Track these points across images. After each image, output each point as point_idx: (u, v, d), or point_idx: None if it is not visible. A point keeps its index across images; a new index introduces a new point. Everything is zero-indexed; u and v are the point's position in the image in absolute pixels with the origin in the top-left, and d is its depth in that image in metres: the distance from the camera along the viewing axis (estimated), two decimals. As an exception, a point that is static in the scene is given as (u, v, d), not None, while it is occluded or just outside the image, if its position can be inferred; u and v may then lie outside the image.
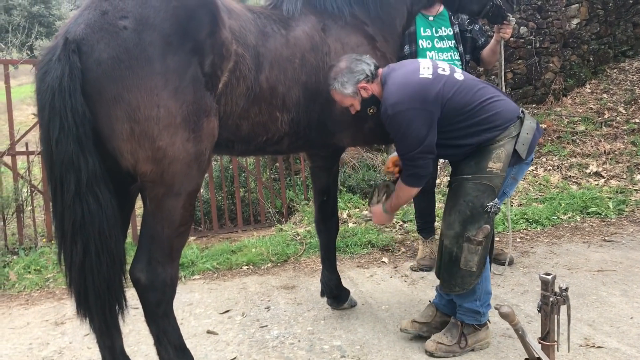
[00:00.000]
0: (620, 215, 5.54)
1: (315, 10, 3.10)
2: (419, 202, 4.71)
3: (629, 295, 3.70)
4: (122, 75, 2.19)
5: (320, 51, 2.98)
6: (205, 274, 4.76)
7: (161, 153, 2.28)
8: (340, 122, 3.10)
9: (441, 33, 4.13)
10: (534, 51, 8.42)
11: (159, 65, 2.24)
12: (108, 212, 2.28)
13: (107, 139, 2.27)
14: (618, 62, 9.30)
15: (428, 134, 2.79)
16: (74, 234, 2.25)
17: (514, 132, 2.84)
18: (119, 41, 2.21)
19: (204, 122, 2.40)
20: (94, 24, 2.23)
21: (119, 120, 2.22)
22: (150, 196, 2.38)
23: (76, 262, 2.27)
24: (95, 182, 2.24)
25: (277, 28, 2.89)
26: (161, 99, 2.24)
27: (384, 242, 5.17)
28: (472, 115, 2.83)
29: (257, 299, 4.09)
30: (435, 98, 2.79)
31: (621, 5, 9.30)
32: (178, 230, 2.44)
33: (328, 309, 3.79)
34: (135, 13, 2.26)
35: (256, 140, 2.91)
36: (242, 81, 2.63)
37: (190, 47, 2.34)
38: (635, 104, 8.04)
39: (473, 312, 3.04)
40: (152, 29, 2.26)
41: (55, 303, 4.29)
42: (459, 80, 2.89)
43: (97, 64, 2.19)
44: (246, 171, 6.82)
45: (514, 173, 2.92)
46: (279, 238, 5.46)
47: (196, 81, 2.35)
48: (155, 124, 2.24)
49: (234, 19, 2.67)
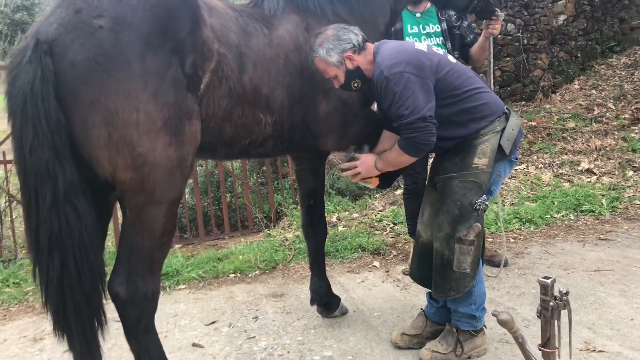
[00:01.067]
0: (614, 212, 5.44)
1: (298, 9, 2.98)
2: (410, 203, 4.59)
3: (628, 296, 3.59)
4: (99, 78, 2.05)
5: (304, 51, 2.86)
6: (190, 283, 4.60)
7: (141, 159, 2.14)
8: (324, 125, 2.97)
9: (429, 30, 4.03)
10: (521, 48, 8.34)
11: (138, 66, 2.11)
12: (87, 224, 2.15)
13: (82, 146, 2.13)
14: (606, 58, 9.26)
15: (428, 100, 2.61)
16: (51, 248, 2.10)
17: (499, 127, 2.76)
18: (95, 42, 2.06)
19: (185, 125, 2.27)
20: (67, 23, 2.08)
21: (96, 125, 2.08)
22: (130, 205, 2.25)
23: (53, 278, 2.12)
24: (74, 192, 2.10)
25: (259, 27, 2.77)
26: (140, 102, 2.11)
27: (374, 245, 5.03)
28: (461, 100, 2.72)
29: (245, 309, 3.94)
30: (430, 69, 2.65)
31: (607, 1, 9.27)
32: (160, 240, 2.32)
33: (318, 317, 3.65)
34: (112, 11, 2.12)
35: (239, 143, 2.78)
36: (224, 82, 2.50)
37: (171, 47, 2.21)
38: (624, 100, 7.98)
39: (469, 317, 2.92)
40: (130, 28, 2.12)
41: (34, 317, 4.11)
42: (452, 62, 2.81)
43: (71, 66, 2.05)
44: (232, 175, 6.66)
45: (499, 170, 2.82)
46: (267, 244, 5.31)
47: (177, 82, 2.22)
48: (134, 129, 2.11)
49: (215, 17, 2.54)
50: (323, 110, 2.91)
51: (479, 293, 2.91)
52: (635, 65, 8.84)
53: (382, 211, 6.07)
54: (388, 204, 6.26)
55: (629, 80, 8.44)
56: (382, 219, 5.81)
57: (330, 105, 2.93)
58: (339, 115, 2.96)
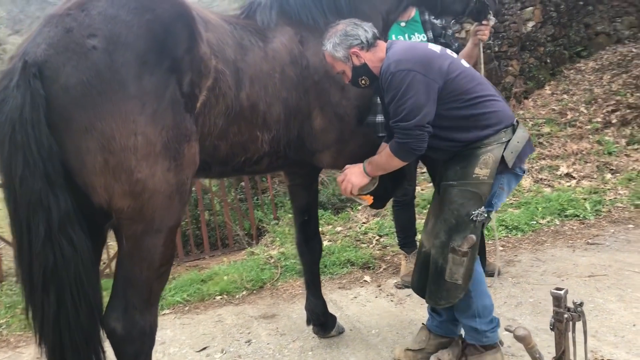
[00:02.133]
0: (598, 216, 5.46)
1: (291, 21, 2.87)
2: (399, 215, 4.52)
3: (626, 301, 3.55)
4: (94, 102, 1.91)
5: (299, 65, 2.75)
6: (175, 308, 4.41)
7: (140, 186, 2.01)
8: (320, 140, 2.87)
9: (414, 39, 3.96)
10: (493, 55, 8.42)
11: (135, 87, 1.97)
12: (84, 256, 2.00)
13: (76, 173, 1.98)
14: (574, 63, 9.40)
15: (427, 103, 2.53)
16: (46, 283, 1.94)
17: (504, 138, 2.64)
18: (89, 64, 1.92)
19: (185, 148, 2.14)
20: (57, 43, 1.93)
21: (91, 152, 1.94)
22: (127, 234, 2.10)
23: (49, 316, 1.96)
24: (69, 223, 1.95)
25: (254, 40, 2.65)
26: (138, 125, 1.97)
27: (363, 259, 4.92)
28: (469, 105, 2.62)
29: (236, 332, 3.78)
30: (439, 71, 2.57)
31: (572, 7, 9.42)
32: (159, 271, 2.18)
33: (314, 337, 3.52)
34: (105, 30, 1.97)
35: (234, 161, 2.67)
36: (221, 99, 2.38)
37: (168, 66, 2.08)
38: (595, 104, 8.10)
39: (472, 329, 2.83)
40: (125, 48, 1.98)
41: (9, 352, 3.87)
42: (464, 66, 2.71)
43: (64, 90, 1.90)
44: (210, 193, 6.49)
45: (502, 183, 2.71)
46: (251, 262, 5.15)
47: (175, 103, 2.09)
48: (132, 154, 1.97)
49: (211, 31, 2.42)
50: (319, 125, 2.82)
51: (482, 306, 2.81)
52: (603, 69, 9.00)
53: (366, 223, 5.98)
54: (371, 216, 6.17)
55: (598, 84, 8.57)
56: (367, 231, 5.72)
57: (325, 120, 2.83)
58: (335, 131, 2.86)
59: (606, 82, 8.57)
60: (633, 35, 9.87)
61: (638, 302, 3.50)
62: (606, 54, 9.46)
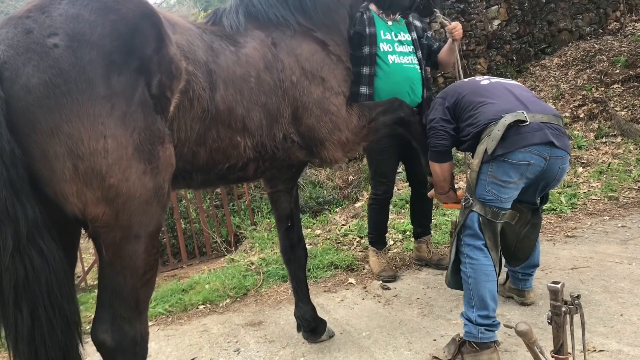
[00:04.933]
0: (574, 209, 5.54)
1: (259, 24, 2.84)
2: (375, 214, 4.55)
3: (611, 291, 3.60)
4: (59, 103, 1.80)
5: (275, 69, 2.72)
6: (158, 319, 4.29)
7: (113, 191, 1.91)
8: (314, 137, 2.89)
9: (400, 38, 3.99)
10: (462, 54, 8.49)
11: (103, 87, 1.87)
12: (56, 267, 1.88)
13: (46, 182, 1.87)
14: (539, 60, 9.59)
15: (440, 115, 3.14)
16: (17, 299, 1.82)
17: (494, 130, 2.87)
18: (50, 62, 1.81)
19: (159, 150, 2.05)
20: (17, 44, 1.82)
21: (59, 157, 1.83)
22: (106, 243, 2.00)
23: (23, 333, 1.84)
24: (38, 233, 1.83)
25: (225, 44, 2.61)
26: (108, 127, 1.87)
27: (346, 261, 4.88)
28: (470, 115, 3.01)
29: (223, 342, 3.69)
30: (453, 93, 3.17)
31: (535, 5, 9.61)
32: (143, 278, 2.08)
33: (305, 343, 3.46)
34: (67, 29, 1.87)
35: (216, 168, 2.60)
36: (196, 102, 2.32)
37: (136, 66, 1.99)
38: (562, 99, 8.26)
39: (468, 320, 2.85)
40: (90, 46, 1.88)
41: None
42: (479, 84, 3.17)
43: (25, 91, 1.79)
44: (186, 200, 6.37)
45: (491, 170, 2.85)
46: (232, 270, 5.06)
47: (145, 104, 2.00)
48: (103, 157, 1.87)
49: (180, 33, 2.35)
50: (307, 123, 2.81)
51: (478, 296, 2.83)
52: (567, 65, 9.19)
53: (345, 225, 5.95)
54: (350, 217, 6.15)
55: (564, 80, 8.75)
56: (347, 233, 5.69)
57: (312, 117, 2.80)
58: (327, 125, 2.84)
59: (571, 78, 8.76)
60: (594, 31, 10.13)
61: (623, 292, 3.55)
62: (569, 50, 9.68)
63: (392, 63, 3.87)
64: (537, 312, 3.43)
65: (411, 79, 3.91)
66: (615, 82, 8.28)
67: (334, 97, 2.86)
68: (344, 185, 6.96)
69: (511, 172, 2.83)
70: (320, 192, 6.53)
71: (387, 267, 4.48)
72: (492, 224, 2.89)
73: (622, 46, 9.18)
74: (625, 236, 4.64)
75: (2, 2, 15.99)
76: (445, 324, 3.45)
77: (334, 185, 6.93)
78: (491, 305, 2.83)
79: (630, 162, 6.50)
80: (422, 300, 3.91)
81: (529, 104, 2.92)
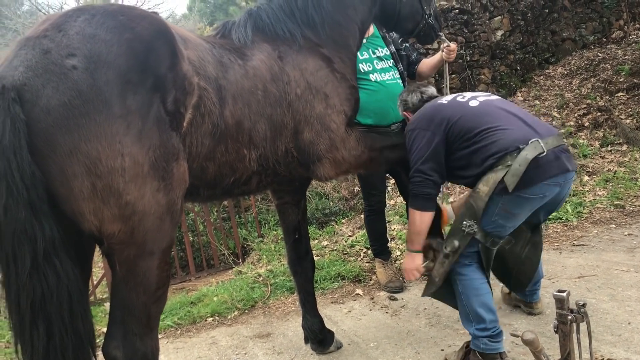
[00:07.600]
0: (580, 217, 5.54)
1: (267, 37, 2.88)
2: (373, 224, 4.60)
3: (618, 300, 3.60)
4: (77, 124, 1.85)
5: (281, 81, 2.76)
6: (167, 332, 4.32)
7: (129, 209, 1.95)
8: (311, 151, 2.87)
9: (379, 53, 4.02)
10: (465, 65, 8.55)
11: (119, 107, 1.92)
12: (71, 286, 1.92)
13: (64, 200, 1.91)
14: (543, 69, 9.61)
15: (427, 154, 2.84)
16: (34, 317, 1.86)
17: (510, 162, 2.66)
18: (69, 84, 1.86)
19: (173, 167, 2.09)
20: (35, 65, 1.87)
21: (77, 176, 1.87)
22: (120, 260, 2.04)
23: (39, 350, 1.87)
24: (54, 252, 1.88)
25: (233, 58, 2.65)
26: (125, 146, 1.92)
27: (353, 272, 4.91)
28: (473, 142, 2.78)
29: (232, 354, 3.72)
30: (440, 120, 2.87)
31: (538, 15, 9.65)
32: (155, 294, 2.12)
33: (312, 354, 3.48)
34: (84, 49, 1.92)
35: (223, 182, 2.63)
36: (207, 118, 2.36)
37: (151, 84, 2.04)
38: (567, 108, 8.27)
39: (470, 334, 2.90)
40: (107, 67, 1.93)
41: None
42: (470, 107, 2.92)
43: (45, 113, 1.83)
44: (193, 213, 6.41)
45: (503, 203, 2.72)
46: (240, 282, 5.09)
47: (160, 121, 2.05)
48: (120, 175, 1.92)
49: (191, 49, 2.40)
50: (307, 137, 2.82)
51: (474, 312, 2.85)
52: (572, 74, 9.21)
53: (352, 236, 5.96)
54: (356, 228, 6.17)
55: (568, 89, 8.77)
56: (354, 244, 5.71)
57: (313, 132, 2.83)
58: (325, 141, 2.86)
59: (576, 87, 8.77)
60: (597, 40, 10.16)
61: (630, 300, 3.55)
62: (573, 59, 9.70)
63: (374, 82, 3.91)
64: (544, 321, 3.44)
65: (395, 95, 3.75)
66: (620, 91, 8.29)
67: (335, 115, 2.88)
68: (350, 197, 6.98)
69: (525, 205, 2.75)
70: (326, 204, 6.55)
71: (394, 277, 4.49)
72: (489, 251, 2.89)
73: (625, 54, 9.20)
74: (632, 244, 4.64)
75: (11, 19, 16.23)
76: (452, 334, 3.46)
77: (340, 197, 6.96)
78: (487, 316, 2.84)
79: (636, 170, 6.50)
80: (429, 310, 3.92)
81: (536, 127, 2.78)
